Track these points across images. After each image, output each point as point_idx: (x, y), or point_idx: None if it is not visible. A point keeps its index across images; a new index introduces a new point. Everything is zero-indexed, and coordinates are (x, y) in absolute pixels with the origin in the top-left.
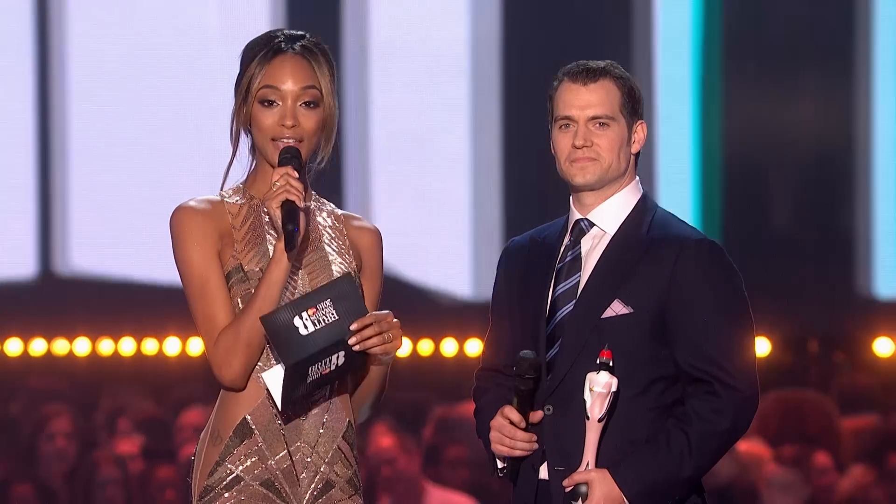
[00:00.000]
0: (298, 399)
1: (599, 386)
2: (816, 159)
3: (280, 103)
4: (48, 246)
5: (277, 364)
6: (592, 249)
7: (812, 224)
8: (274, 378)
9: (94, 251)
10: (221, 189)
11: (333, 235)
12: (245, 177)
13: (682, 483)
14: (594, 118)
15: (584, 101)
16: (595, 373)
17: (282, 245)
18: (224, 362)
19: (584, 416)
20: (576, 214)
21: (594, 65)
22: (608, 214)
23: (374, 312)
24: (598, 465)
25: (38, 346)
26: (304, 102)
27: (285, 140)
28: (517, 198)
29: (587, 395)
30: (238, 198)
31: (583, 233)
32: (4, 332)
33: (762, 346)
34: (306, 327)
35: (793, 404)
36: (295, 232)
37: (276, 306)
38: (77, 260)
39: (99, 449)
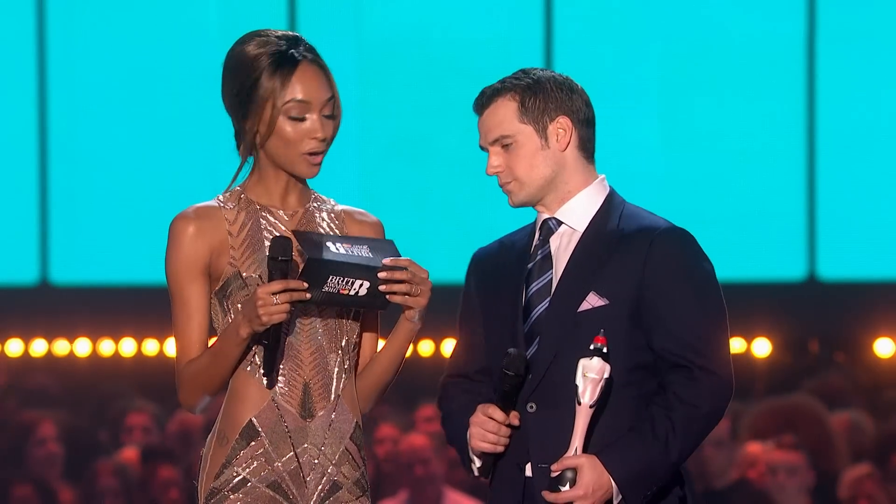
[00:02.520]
0: (311, 302)
1: (593, 371)
2: None
3: (307, 116)
4: (49, 249)
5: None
6: (563, 247)
7: None
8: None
9: (95, 253)
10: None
11: (329, 234)
12: (244, 180)
13: (668, 468)
14: (494, 142)
15: (482, 128)
16: (588, 359)
17: (242, 335)
18: (181, 392)
19: (576, 401)
20: (543, 215)
21: (489, 89)
22: (576, 212)
23: (412, 261)
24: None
25: (38, 347)
26: (327, 115)
27: (312, 154)
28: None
29: (579, 381)
30: (234, 203)
31: (551, 231)
32: (5, 334)
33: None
34: (337, 249)
35: (788, 409)
36: (272, 357)
37: (230, 370)
38: (78, 263)
39: (100, 449)
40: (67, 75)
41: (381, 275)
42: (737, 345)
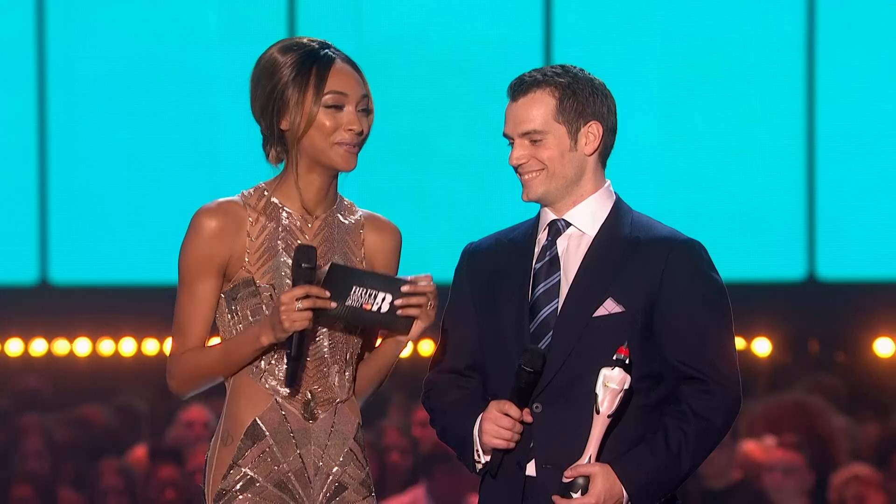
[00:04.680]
0: (335, 315)
1: (614, 382)
2: None
3: (345, 108)
4: (48, 249)
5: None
6: (572, 250)
7: None
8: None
9: (95, 253)
10: (271, 183)
11: (346, 241)
12: (270, 179)
13: (679, 480)
14: (525, 134)
15: (513, 116)
16: (610, 369)
17: (263, 342)
18: (176, 379)
19: (594, 410)
20: (550, 215)
21: (529, 76)
22: (586, 216)
23: (429, 278)
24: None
25: (38, 347)
26: (362, 109)
27: (347, 144)
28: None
29: (599, 390)
30: (258, 203)
31: (559, 233)
32: (5, 333)
33: None
34: (359, 296)
35: (790, 406)
36: (295, 367)
37: (237, 371)
38: (78, 263)
39: (101, 449)
40: (67, 75)
41: (405, 288)
42: (737, 344)
